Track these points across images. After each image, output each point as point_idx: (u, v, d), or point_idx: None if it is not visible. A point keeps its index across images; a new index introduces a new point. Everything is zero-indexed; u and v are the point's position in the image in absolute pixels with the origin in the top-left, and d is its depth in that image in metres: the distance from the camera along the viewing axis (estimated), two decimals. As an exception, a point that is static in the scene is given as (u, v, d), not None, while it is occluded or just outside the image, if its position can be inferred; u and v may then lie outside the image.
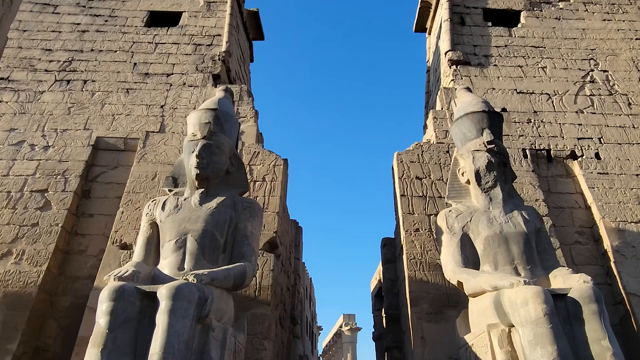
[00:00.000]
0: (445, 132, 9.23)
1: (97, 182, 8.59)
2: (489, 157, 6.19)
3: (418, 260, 7.62)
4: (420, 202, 8.26)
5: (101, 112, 9.35)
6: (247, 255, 5.74)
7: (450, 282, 7.31)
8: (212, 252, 5.64)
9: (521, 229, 5.79)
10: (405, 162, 8.74)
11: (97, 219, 8.19)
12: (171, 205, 6.10)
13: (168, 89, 9.85)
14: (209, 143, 6.20)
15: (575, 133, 9.38)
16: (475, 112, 6.58)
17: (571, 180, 8.95)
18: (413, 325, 7.10)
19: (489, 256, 5.68)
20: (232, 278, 5.23)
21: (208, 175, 6.11)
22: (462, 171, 6.53)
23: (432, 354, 6.83)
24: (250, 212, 6.11)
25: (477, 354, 5.06)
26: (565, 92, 10.04)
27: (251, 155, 8.67)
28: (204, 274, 4.81)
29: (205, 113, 6.58)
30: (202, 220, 5.80)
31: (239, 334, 5.60)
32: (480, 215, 6.02)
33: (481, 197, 6.21)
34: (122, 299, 4.42)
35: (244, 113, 9.43)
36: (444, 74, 10.83)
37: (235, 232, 5.95)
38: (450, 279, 5.76)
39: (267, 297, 7.12)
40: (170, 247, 5.65)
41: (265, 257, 7.50)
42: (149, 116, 9.33)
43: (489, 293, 5.01)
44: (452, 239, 5.98)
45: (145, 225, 6.12)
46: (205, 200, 6.07)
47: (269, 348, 6.95)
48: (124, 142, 8.96)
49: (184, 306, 4.31)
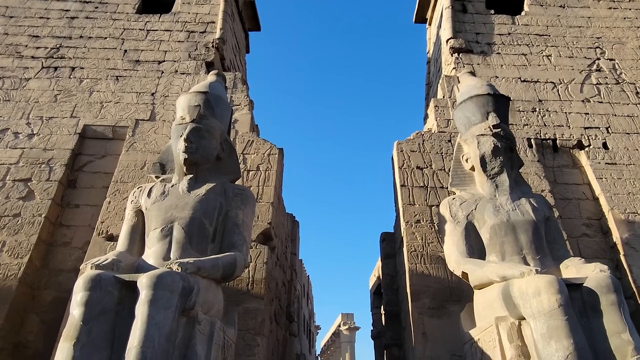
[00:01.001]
0: (447, 121, 8.88)
1: (83, 172, 8.22)
2: (495, 141, 5.84)
3: (419, 252, 7.27)
4: (421, 193, 7.90)
5: (89, 100, 8.98)
6: (237, 245, 5.39)
7: (454, 274, 6.97)
8: (201, 241, 5.28)
9: (529, 217, 5.45)
10: (405, 151, 8.38)
11: (83, 210, 7.82)
12: (157, 192, 5.74)
13: (159, 76, 9.48)
14: (198, 127, 5.85)
15: (582, 122, 9.04)
16: (480, 95, 6.24)
17: (578, 170, 8.61)
18: (414, 321, 6.75)
19: (496, 246, 5.34)
20: (220, 268, 4.88)
21: (197, 160, 5.75)
22: (466, 157, 6.18)
23: (434, 350, 6.47)
24: (242, 200, 5.76)
25: (483, 350, 4.71)
26: (571, 81, 9.70)
27: (245, 144, 8.31)
28: (190, 263, 4.46)
29: (195, 96, 6.22)
30: (190, 207, 5.44)
31: (229, 329, 5.24)
32: (486, 203, 5.68)
33: (486, 184, 5.86)
34: (99, 288, 4.06)
35: (238, 101, 9.07)
36: (445, 62, 10.48)
37: (226, 220, 5.59)
38: (454, 270, 5.41)
39: (260, 290, 6.76)
40: (156, 236, 5.29)
41: (259, 249, 7.14)
42: (139, 104, 8.96)
43: (497, 284, 4.66)
44: (456, 227, 5.63)
45: (130, 213, 5.76)
46: (194, 186, 5.71)
47: (262, 344, 6.59)
48: (113, 131, 8.59)
49: (165, 296, 3.95)
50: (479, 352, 4.81)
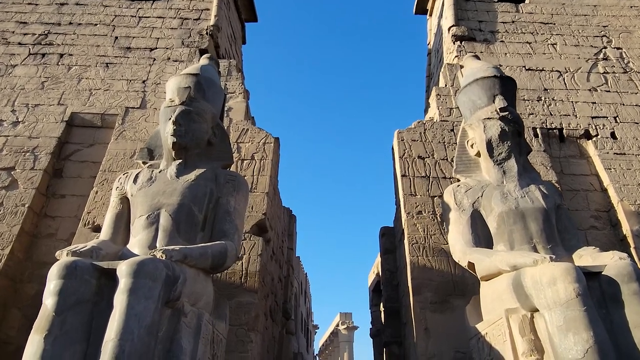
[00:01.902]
0: (449, 110, 8.56)
1: (70, 161, 7.87)
2: (503, 125, 5.52)
3: (421, 245, 6.94)
4: (423, 183, 7.57)
5: (77, 87, 8.63)
6: (228, 233, 5.05)
7: (457, 267, 6.66)
8: (189, 229, 4.94)
9: (539, 204, 5.12)
10: (406, 140, 8.05)
11: (69, 200, 7.47)
12: (144, 178, 5.40)
13: (151, 63, 9.14)
14: (188, 109, 5.52)
15: (589, 112, 8.72)
16: (486, 78, 5.91)
17: (585, 161, 8.29)
18: (416, 316, 6.42)
19: (504, 234, 5.01)
20: (209, 257, 4.54)
21: (186, 144, 5.42)
22: (471, 142, 5.86)
23: (436, 346, 6.14)
24: (234, 186, 5.42)
25: (492, 345, 4.38)
26: (577, 70, 9.38)
27: (239, 133, 7.97)
28: (175, 250, 4.12)
29: (185, 78, 5.90)
30: (178, 193, 5.11)
31: (219, 323, 4.90)
32: (493, 190, 5.35)
33: (493, 170, 5.54)
34: (74, 276, 3.72)
35: (233, 89, 8.73)
36: (447, 51, 10.15)
37: (217, 207, 5.26)
38: (459, 260, 5.07)
39: (254, 284, 6.42)
40: (141, 224, 4.95)
41: (253, 241, 6.80)
42: (129, 91, 8.62)
43: (507, 274, 4.33)
44: (462, 216, 5.30)
45: (115, 200, 5.43)
46: (183, 172, 5.38)
47: (255, 341, 6.25)
48: (101, 119, 8.24)
49: (147, 285, 3.61)
50: (487, 347, 4.48)
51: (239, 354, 5.87)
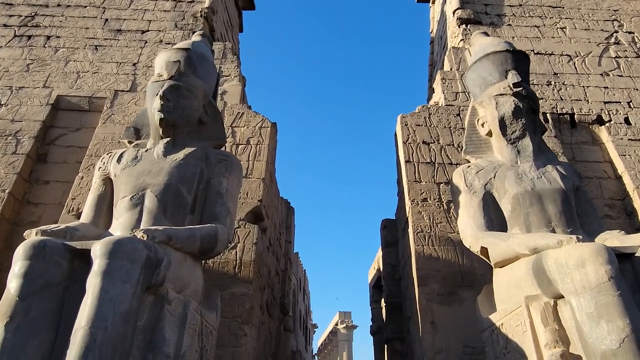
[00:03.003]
0: (455, 94, 8.15)
1: (55, 146, 7.45)
2: (516, 101, 5.11)
3: (427, 233, 6.53)
4: (428, 169, 7.16)
5: (64, 70, 8.20)
6: (220, 216, 4.64)
7: (465, 257, 6.25)
8: (177, 212, 4.53)
9: (557, 185, 4.72)
10: (410, 125, 7.65)
11: (54, 187, 7.05)
12: (129, 157, 4.99)
13: (142, 46, 8.72)
14: (177, 84, 5.11)
15: (601, 96, 8.32)
16: (498, 52, 5.50)
17: (598, 147, 7.89)
18: (421, 309, 6.01)
19: (519, 217, 4.60)
20: (198, 239, 4.12)
21: (175, 121, 5.01)
22: (482, 121, 5.45)
23: (444, 341, 5.74)
24: (226, 166, 5.01)
25: (509, 337, 3.97)
26: (588, 54, 8.98)
27: (234, 117, 7.56)
28: (158, 230, 3.71)
29: (175, 52, 5.50)
30: (165, 173, 4.70)
31: (209, 313, 4.48)
32: (507, 171, 4.94)
33: (506, 150, 5.13)
34: (42, 257, 3.31)
35: (228, 72, 8.32)
36: (452, 35, 9.75)
37: (207, 189, 4.85)
38: (470, 245, 4.66)
39: (248, 274, 6.01)
40: (124, 205, 4.54)
41: (248, 229, 6.39)
42: (119, 74, 8.20)
43: (526, 258, 3.92)
44: (473, 198, 4.89)
45: (97, 181, 5.02)
46: (171, 151, 4.97)
47: (250, 335, 5.84)
48: (89, 102, 7.82)
49: (124, 267, 3.19)
50: (503, 339, 4.07)
51: (232, 349, 5.46)
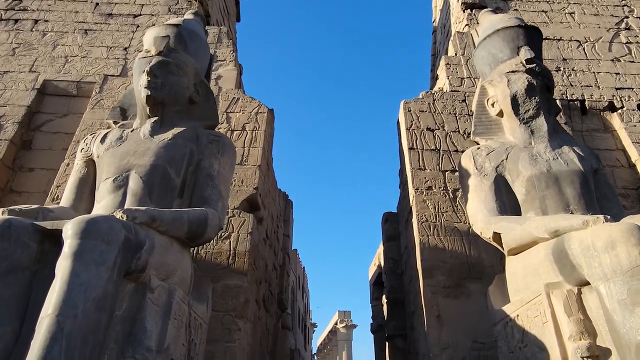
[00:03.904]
0: (460, 80, 7.80)
1: (41, 132, 7.09)
2: (530, 78, 4.77)
3: (432, 223, 6.18)
4: (433, 156, 6.81)
5: (52, 54, 7.84)
6: (211, 200, 4.30)
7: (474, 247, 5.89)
8: (164, 195, 4.18)
9: (575, 166, 4.37)
10: (414, 111, 7.29)
11: (38, 174, 6.69)
12: (113, 137, 4.66)
13: (134, 30, 8.36)
14: (166, 60, 4.77)
15: (613, 82, 7.97)
16: (509, 28, 5.16)
17: (610, 135, 7.54)
18: (426, 302, 5.66)
19: (534, 201, 4.26)
20: (185, 223, 3.77)
21: (163, 98, 4.66)
22: (492, 101, 5.10)
23: (451, 336, 5.39)
24: (218, 147, 4.67)
25: (525, 329, 3.62)
26: (598, 39, 8.64)
27: (229, 102, 7.20)
28: (140, 210, 3.36)
29: (165, 28, 5.16)
30: (151, 153, 4.35)
31: (198, 305, 4.13)
32: (520, 152, 4.60)
33: (519, 130, 4.79)
34: (7, 237, 2.95)
35: (223, 56, 7.96)
36: (457, 20, 9.40)
37: (197, 171, 4.50)
38: (481, 231, 4.31)
39: (243, 265, 5.66)
40: (107, 187, 4.20)
41: (243, 217, 6.03)
42: (109, 58, 7.84)
43: (545, 243, 3.57)
44: (483, 181, 4.54)
45: (79, 163, 4.68)
46: (159, 131, 4.63)
47: (245, 330, 5.49)
48: (77, 87, 7.46)
49: (98, 248, 2.84)
50: (519, 332, 3.72)
51: (224, 344, 5.10)
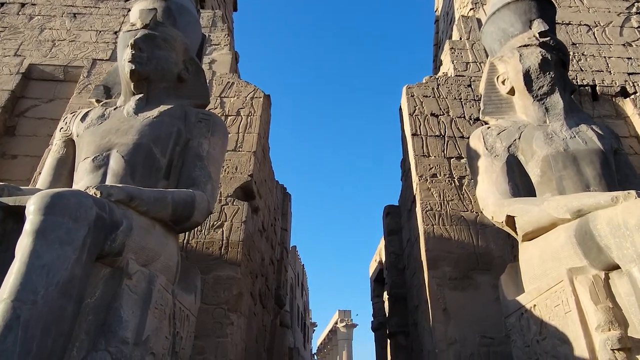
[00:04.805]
0: (465, 64, 7.46)
1: (25, 117, 6.75)
2: (544, 52, 4.43)
3: (436, 212, 5.84)
4: (438, 143, 6.47)
5: (39, 38, 7.50)
6: (199, 182, 3.96)
7: (481, 237, 5.57)
8: (148, 175, 3.85)
9: (595, 145, 4.03)
10: (417, 96, 6.95)
11: (22, 161, 6.35)
12: (95, 116, 4.32)
13: (125, 14, 8.02)
14: (152, 33, 4.44)
15: (625, 67, 7.63)
16: (520, 0, 4.82)
17: (623, 121, 7.20)
18: (432, 295, 5.32)
19: (551, 182, 3.91)
20: (169, 204, 3.43)
21: (149, 74, 4.32)
22: (502, 78, 4.76)
23: (458, 331, 5.04)
24: (208, 126, 4.33)
25: (544, 320, 3.27)
26: (609, 24, 8.29)
27: (223, 86, 6.87)
28: (116, 187, 3.02)
29: (152, 1, 4.82)
30: (135, 131, 4.01)
31: (185, 295, 3.79)
32: (534, 131, 4.26)
33: (532, 108, 4.44)
34: (-38, 215, 2.61)
35: (217, 40, 7.62)
36: (461, 5, 9.07)
37: (186, 152, 4.16)
38: (493, 215, 3.97)
39: (236, 256, 5.32)
40: (86, 167, 3.86)
41: (237, 206, 5.69)
42: (98, 43, 7.50)
43: (566, 225, 3.23)
44: (494, 162, 4.20)
45: (58, 143, 4.34)
46: (144, 108, 4.30)
47: (238, 324, 5.14)
48: (64, 71, 7.12)
49: (64, 225, 2.50)
50: (536, 324, 3.38)
51: (215, 339, 4.76)
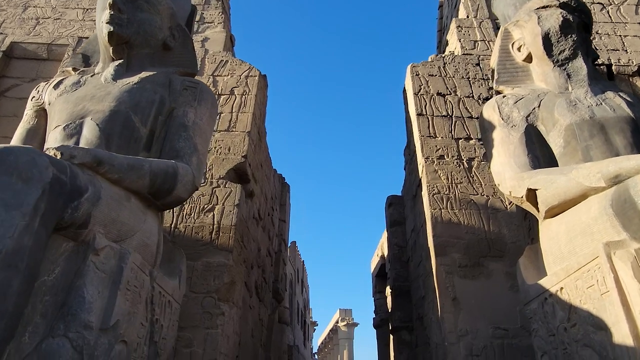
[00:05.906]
0: (473, 43, 7.05)
1: (6, 97, 6.36)
2: (565, 13, 4.02)
3: (444, 195, 5.43)
4: (445, 123, 6.06)
5: (22, 16, 7.11)
6: (184, 153, 3.56)
7: (493, 222, 5.14)
8: (126, 145, 3.44)
9: (624, 112, 3.62)
10: (422, 75, 6.54)
11: (2, 142, 5.94)
12: (69, 83, 3.91)
13: (114, -8, 7.61)
14: (134, -6, 4.01)
15: (642, 46, 7.22)
16: (537, -40, 4.40)
17: (641, 102, 6.78)
18: (440, 283, 4.91)
19: (576, 153, 3.50)
20: (146, 173, 3.02)
21: (129, 37, 3.92)
22: (518, 44, 4.35)
23: (469, 322, 4.63)
24: (194, 94, 3.93)
25: (574, 305, 2.86)
26: (623, 2, 7.88)
27: (217, 65, 6.46)
28: (81, 149, 2.62)
29: (136, -35, 4.39)
30: (112, 98, 3.61)
31: (167, 279, 3.38)
32: (555, 98, 3.84)
33: (553, 75, 4.03)
34: None
35: (211, 18, 7.22)
36: (467, -16, 8.62)
37: (170, 122, 3.76)
38: (511, 190, 3.55)
39: (228, 241, 4.91)
40: (56, 136, 3.46)
41: (229, 188, 5.29)
42: (84, 20, 7.10)
43: (598, 195, 2.82)
44: (512, 133, 3.79)
45: (29, 112, 3.94)
46: (124, 75, 3.90)
47: (229, 315, 4.74)
48: (48, 49, 6.73)
49: (11, 186, 2.09)
50: (564, 309, 2.96)
51: (204, 330, 4.35)
